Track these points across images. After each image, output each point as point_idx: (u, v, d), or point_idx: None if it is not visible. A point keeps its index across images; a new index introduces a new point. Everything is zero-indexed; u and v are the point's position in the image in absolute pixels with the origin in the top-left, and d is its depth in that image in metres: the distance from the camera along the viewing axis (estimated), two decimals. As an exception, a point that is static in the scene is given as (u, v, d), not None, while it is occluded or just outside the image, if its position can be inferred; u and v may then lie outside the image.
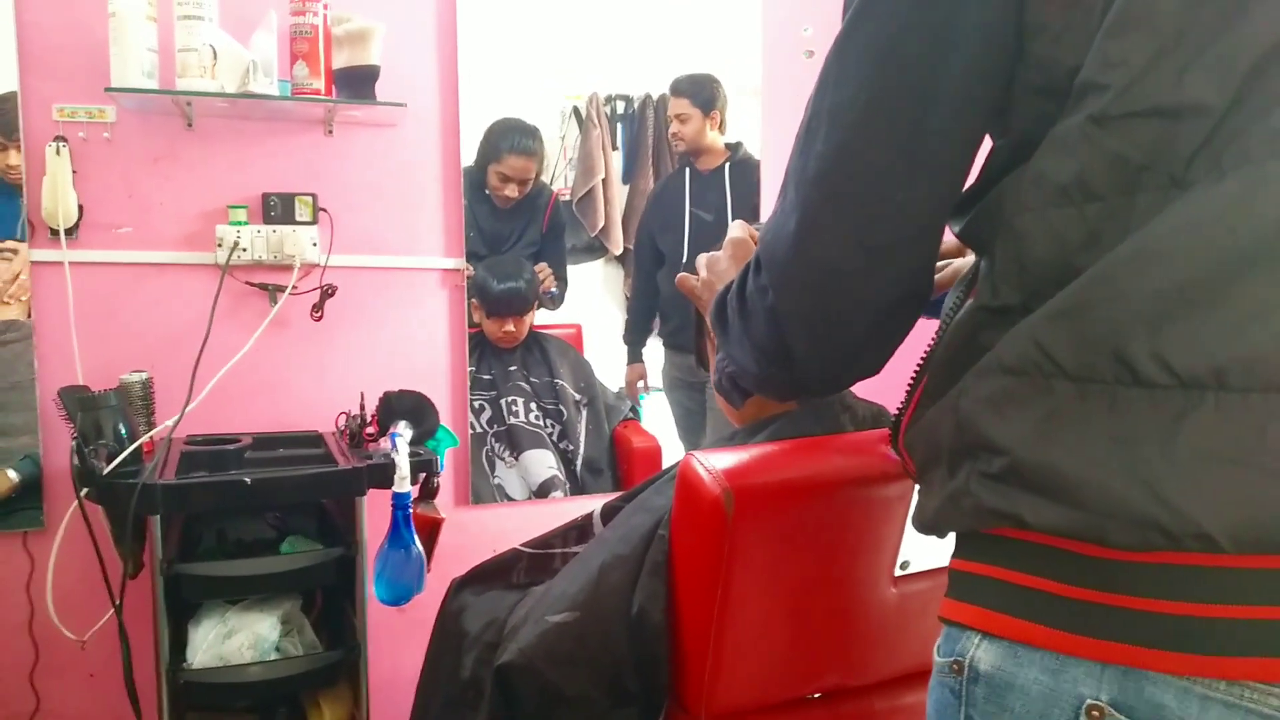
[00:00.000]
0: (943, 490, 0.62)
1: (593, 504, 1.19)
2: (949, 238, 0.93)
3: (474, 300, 2.17)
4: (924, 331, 0.73)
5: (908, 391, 0.70)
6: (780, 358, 0.75)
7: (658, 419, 2.38)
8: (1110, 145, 0.55)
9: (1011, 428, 0.57)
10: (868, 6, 0.63)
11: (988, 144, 0.68)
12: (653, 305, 2.33)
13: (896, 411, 0.71)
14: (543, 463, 2.23)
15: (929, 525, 0.65)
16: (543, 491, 2.23)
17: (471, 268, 2.14)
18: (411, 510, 1.61)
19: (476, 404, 2.20)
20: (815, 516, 0.90)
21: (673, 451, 2.34)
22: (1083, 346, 0.54)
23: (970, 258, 0.92)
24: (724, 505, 0.84)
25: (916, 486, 0.70)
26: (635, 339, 2.35)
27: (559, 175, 2.23)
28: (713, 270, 1.02)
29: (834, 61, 0.66)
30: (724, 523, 0.84)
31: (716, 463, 0.87)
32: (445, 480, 2.08)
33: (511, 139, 2.15)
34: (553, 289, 2.23)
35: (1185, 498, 0.51)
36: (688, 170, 2.31)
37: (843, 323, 0.70)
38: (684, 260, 2.27)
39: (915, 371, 0.70)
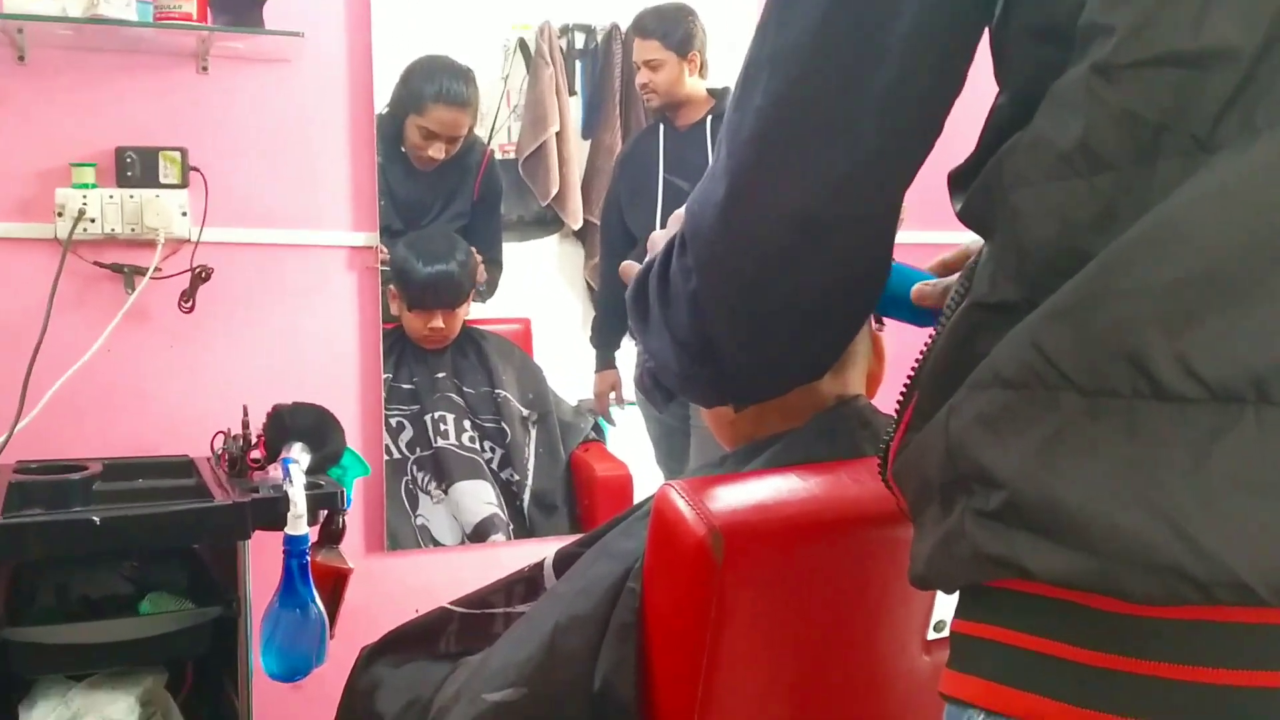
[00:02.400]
0: (935, 533, 0.63)
1: (544, 550, 1.19)
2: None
3: (392, 287, 2.16)
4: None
5: (897, 411, 0.71)
6: (704, 354, 0.77)
7: (630, 440, 2.38)
8: (1119, 101, 0.56)
9: (1010, 454, 0.57)
10: None
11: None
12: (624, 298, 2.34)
13: (885, 437, 0.72)
14: (479, 497, 2.23)
15: (922, 577, 0.66)
16: (479, 534, 2.23)
17: (386, 248, 2.13)
18: (310, 559, 1.61)
19: (394, 421, 2.20)
20: (827, 564, 0.91)
21: (647, 481, 2.35)
22: (1093, 351, 0.55)
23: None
24: (711, 550, 0.84)
25: None
26: (605, 340, 2.36)
27: (501, 127, 2.24)
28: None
29: (776, 1, 0.68)
30: (711, 572, 0.84)
31: (702, 495, 0.87)
32: (353, 520, 2.07)
33: (439, 83, 2.14)
34: (480, 284, 2.23)
35: (1217, 538, 0.51)
36: (662, 127, 2.32)
37: (774, 315, 0.73)
38: (660, 239, 2.29)
39: (905, 387, 0.71)
